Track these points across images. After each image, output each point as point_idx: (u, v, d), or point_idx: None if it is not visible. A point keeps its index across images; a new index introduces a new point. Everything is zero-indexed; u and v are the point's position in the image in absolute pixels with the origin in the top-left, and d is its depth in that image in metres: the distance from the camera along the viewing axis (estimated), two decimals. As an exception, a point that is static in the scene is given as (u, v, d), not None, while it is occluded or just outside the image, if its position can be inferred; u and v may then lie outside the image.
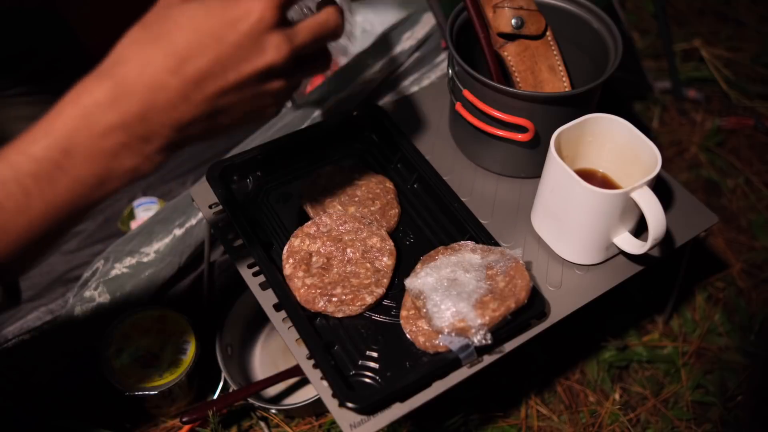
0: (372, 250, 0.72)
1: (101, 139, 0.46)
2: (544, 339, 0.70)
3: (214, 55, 0.46)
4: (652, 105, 1.27)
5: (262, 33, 0.47)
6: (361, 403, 0.61)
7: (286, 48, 0.48)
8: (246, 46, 0.47)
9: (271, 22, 0.47)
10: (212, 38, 0.46)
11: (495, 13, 0.77)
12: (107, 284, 0.83)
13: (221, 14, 0.46)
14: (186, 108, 0.47)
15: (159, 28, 0.47)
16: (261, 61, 0.47)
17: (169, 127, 0.47)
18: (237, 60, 0.47)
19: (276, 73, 0.49)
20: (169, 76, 0.46)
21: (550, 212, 0.73)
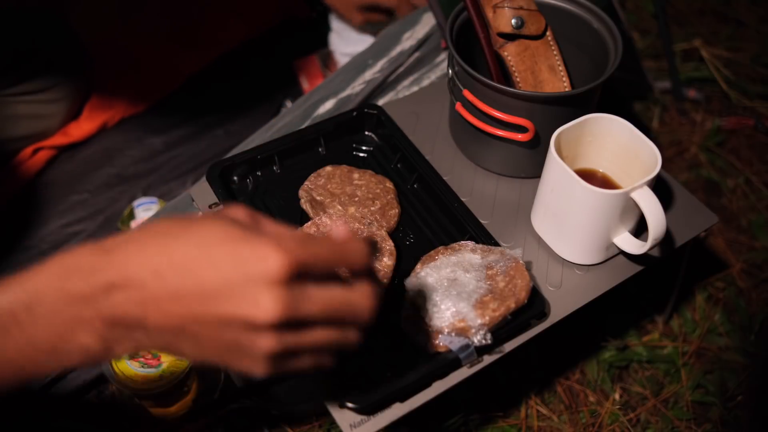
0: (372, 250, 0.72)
1: (68, 305, 0.43)
2: (544, 339, 0.70)
3: (203, 279, 0.42)
4: (652, 105, 1.27)
5: (264, 284, 0.42)
6: (361, 403, 0.61)
7: (280, 311, 0.42)
8: (239, 288, 0.42)
9: (279, 279, 0.42)
10: (211, 263, 0.42)
11: (495, 13, 0.77)
12: (107, 284, 0.83)
13: (235, 246, 0.43)
14: (154, 313, 0.43)
15: (176, 230, 0.44)
16: (245, 311, 0.42)
17: (133, 321, 0.43)
18: (224, 296, 0.42)
19: (263, 330, 0.42)
20: (152, 276, 0.43)
21: (550, 212, 0.73)
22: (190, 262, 0.43)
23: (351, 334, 0.47)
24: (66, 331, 0.43)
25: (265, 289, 0.42)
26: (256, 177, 0.79)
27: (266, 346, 0.43)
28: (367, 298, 0.46)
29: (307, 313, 0.43)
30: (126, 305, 0.43)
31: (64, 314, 0.43)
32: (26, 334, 0.43)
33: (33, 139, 0.99)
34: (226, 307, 0.42)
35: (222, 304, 0.42)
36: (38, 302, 0.43)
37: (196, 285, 0.42)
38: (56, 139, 1.02)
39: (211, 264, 0.42)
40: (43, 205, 0.98)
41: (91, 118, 1.05)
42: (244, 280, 0.42)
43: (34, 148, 1.00)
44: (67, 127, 1.03)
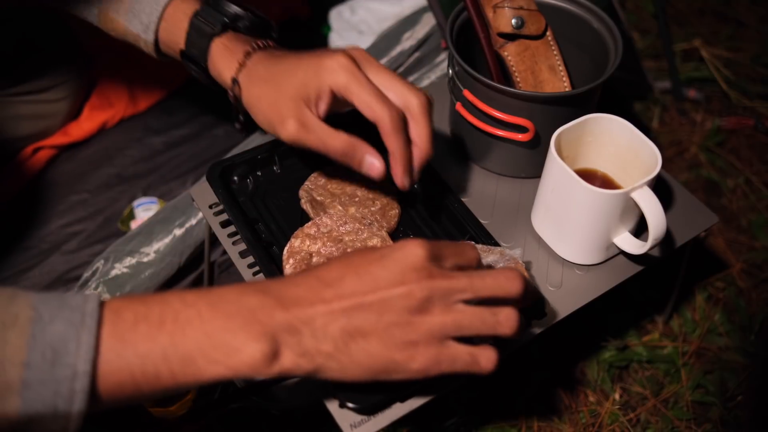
0: (372, 250, 0.72)
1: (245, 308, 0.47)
2: (544, 339, 0.70)
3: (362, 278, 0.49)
4: (652, 105, 1.27)
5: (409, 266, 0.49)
6: (362, 403, 0.61)
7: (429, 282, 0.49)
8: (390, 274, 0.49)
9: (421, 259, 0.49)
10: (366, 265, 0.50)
11: (495, 13, 0.77)
12: (107, 284, 0.83)
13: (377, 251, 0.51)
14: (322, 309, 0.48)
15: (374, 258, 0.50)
16: (400, 288, 0.48)
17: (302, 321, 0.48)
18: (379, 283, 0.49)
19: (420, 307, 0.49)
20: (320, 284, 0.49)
21: (550, 212, 0.73)
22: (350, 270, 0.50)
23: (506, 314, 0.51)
24: (240, 328, 0.46)
25: (413, 269, 0.49)
26: (256, 177, 0.79)
27: (427, 320, 0.49)
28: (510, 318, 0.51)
29: (457, 283, 0.49)
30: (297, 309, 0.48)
31: (242, 314, 0.47)
32: (205, 328, 0.46)
33: (33, 139, 0.99)
34: (384, 290, 0.48)
35: (381, 289, 0.48)
36: (220, 302, 0.47)
37: (356, 283, 0.49)
38: (56, 138, 1.02)
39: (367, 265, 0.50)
40: (43, 205, 0.98)
41: (91, 118, 1.05)
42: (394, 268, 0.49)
43: (35, 148, 1.00)
44: (68, 126, 1.03)
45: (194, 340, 0.45)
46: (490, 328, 0.51)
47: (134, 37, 0.72)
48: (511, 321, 0.51)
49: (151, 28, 0.70)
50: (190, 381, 0.46)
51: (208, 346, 0.45)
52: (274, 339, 0.47)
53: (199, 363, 0.45)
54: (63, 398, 0.43)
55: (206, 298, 0.47)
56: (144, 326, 0.45)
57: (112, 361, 0.44)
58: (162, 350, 0.45)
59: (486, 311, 0.51)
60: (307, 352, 0.48)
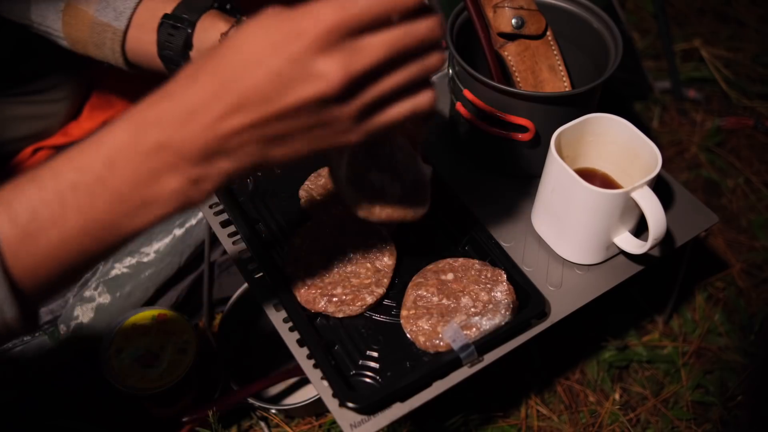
0: (372, 250, 0.72)
1: (147, 156, 0.43)
2: (544, 339, 0.70)
3: (259, 82, 0.42)
4: (652, 105, 1.27)
5: (311, 57, 0.41)
6: (362, 403, 0.61)
7: (341, 73, 0.41)
8: (292, 72, 0.41)
9: (318, 44, 0.40)
10: (255, 63, 0.42)
11: (495, 12, 0.77)
12: (107, 284, 0.83)
13: (271, 35, 0.42)
14: (228, 133, 0.43)
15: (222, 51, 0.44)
16: (307, 91, 0.41)
17: (212, 149, 0.43)
18: (284, 87, 0.42)
19: (337, 99, 0.42)
20: (212, 98, 0.43)
21: (550, 212, 0.73)
22: (241, 73, 0.42)
23: (430, 59, 0.44)
24: (151, 179, 0.43)
25: (312, 61, 0.41)
26: (256, 177, 0.79)
27: (348, 111, 0.43)
28: (428, 21, 0.43)
29: (371, 61, 0.42)
30: (201, 138, 0.43)
31: (146, 164, 0.43)
32: (112, 191, 0.43)
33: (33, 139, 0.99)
34: (290, 97, 0.42)
35: (286, 96, 0.42)
36: (118, 157, 0.43)
37: (255, 91, 0.42)
38: (56, 139, 1.02)
39: (258, 65, 0.41)
40: (43, 205, 0.98)
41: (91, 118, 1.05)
42: (292, 62, 0.41)
43: (34, 148, 1.00)
44: (67, 127, 1.03)
45: (106, 207, 0.44)
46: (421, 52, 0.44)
47: (101, 28, 0.69)
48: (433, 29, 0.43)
49: (125, 14, 0.68)
50: (122, 239, 0.45)
51: (123, 208, 0.44)
52: (189, 175, 0.44)
53: (122, 223, 0.44)
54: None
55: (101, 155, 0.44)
56: (45, 211, 0.43)
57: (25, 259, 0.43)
58: (77, 228, 0.43)
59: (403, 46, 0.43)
60: (227, 172, 0.45)
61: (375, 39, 0.42)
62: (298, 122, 0.43)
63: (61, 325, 0.82)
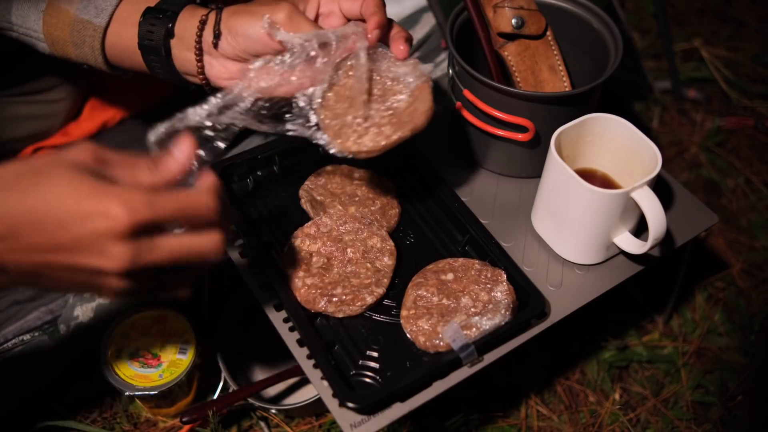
0: (372, 250, 0.72)
1: None
2: (544, 339, 0.70)
3: (53, 235, 0.46)
4: (652, 105, 1.27)
5: (109, 238, 0.46)
6: (362, 402, 0.61)
7: (124, 263, 0.47)
8: (87, 241, 0.46)
9: (122, 234, 0.46)
10: (60, 221, 0.46)
11: (495, 12, 0.77)
12: (107, 284, 0.83)
13: (81, 202, 0.46)
14: (11, 262, 0.47)
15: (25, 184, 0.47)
16: (94, 261, 0.47)
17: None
18: (72, 249, 0.47)
19: (111, 275, 0.48)
20: (7, 231, 0.46)
21: (550, 212, 0.73)
22: (41, 220, 0.46)
23: (197, 271, 0.52)
24: None
25: (110, 243, 0.46)
26: (256, 177, 0.79)
27: (116, 285, 0.48)
28: (213, 243, 0.50)
29: (153, 260, 0.48)
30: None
31: None
32: None
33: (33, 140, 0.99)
34: (77, 258, 0.47)
35: (73, 256, 0.47)
36: None
37: (47, 241, 0.46)
38: (56, 139, 1.02)
39: (60, 222, 0.46)
40: (42, 205, 0.98)
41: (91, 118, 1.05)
42: (91, 235, 0.46)
43: (35, 148, 1.00)
44: (67, 127, 1.03)
45: None
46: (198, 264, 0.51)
47: (81, 25, 0.70)
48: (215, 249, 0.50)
49: (106, 11, 0.69)
50: None
51: None
52: None
53: None
54: None
55: None
56: None
57: None
58: None
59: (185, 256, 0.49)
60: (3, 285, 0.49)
61: (165, 243, 0.48)
62: (73, 276, 0.48)
63: (61, 325, 0.82)
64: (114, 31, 0.70)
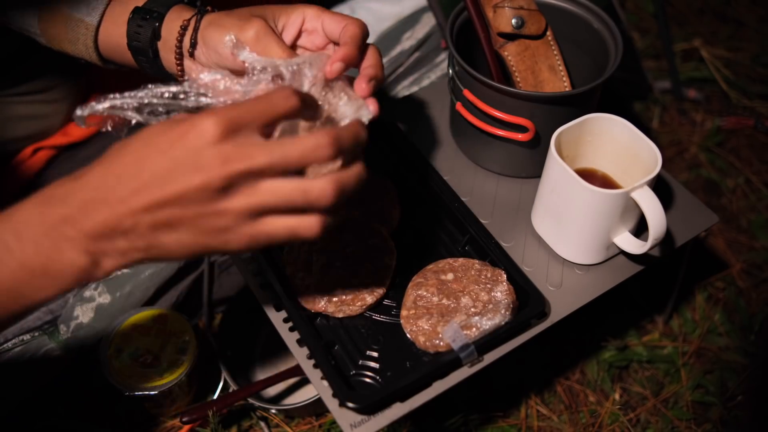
0: (372, 250, 0.72)
1: (51, 229, 0.46)
2: (544, 339, 0.70)
3: (154, 166, 0.46)
4: (652, 105, 1.27)
5: (205, 147, 0.45)
6: (362, 402, 0.61)
7: (227, 165, 0.45)
8: (186, 160, 0.45)
9: (216, 137, 0.45)
10: (156, 151, 0.46)
11: (495, 12, 0.77)
12: (107, 284, 0.83)
13: (172, 129, 0.47)
14: (125, 214, 0.46)
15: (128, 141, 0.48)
16: (199, 177, 0.45)
17: (111, 229, 0.47)
18: (176, 172, 0.46)
19: (222, 192, 0.46)
20: (114, 181, 0.47)
21: (550, 212, 0.73)
22: (141, 158, 0.46)
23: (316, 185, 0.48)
24: (54, 251, 0.46)
25: (207, 151, 0.45)
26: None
27: (232, 208, 0.46)
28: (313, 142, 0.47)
29: (257, 162, 0.45)
30: (100, 216, 0.46)
31: (50, 236, 0.46)
32: (17, 259, 0.46)
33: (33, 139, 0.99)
34: (181, 181, 0.45)
35: (177, 180, 0.45)
36: (24, 228, 0.47)
37: (150, 174, 0.46)
38: (56, 139, 1.02)
39: (157, 151, 0.46)
40: (42, 205, 0.98)
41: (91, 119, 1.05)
42: (187, 152, 0.45)
43: (34, 148, 1.00)
44: (67, 127, 1.03)
45: (11, 274, 0.46)
46: (303, 206, 0.48)
47: (75, 23, 0.70)
48: (326, 196, 0.48)
49: (98, 10, 0.69)
50: (24, 308, 0.48)
51: (26, 276, 0.46)
52: (88, 250, 0.47)
53: (24, 292, 0.47)
54: None
55: (9, 227, 0.47)
56: None
57: None
58: None
59: (295, 190, 0.47)
60: (124, 252, 0.48)
61: (261, 148, 0.46)
62: (186, 210, 0.46)
63: (61, 325, 0.82)
64: (106, 29, 0.70)
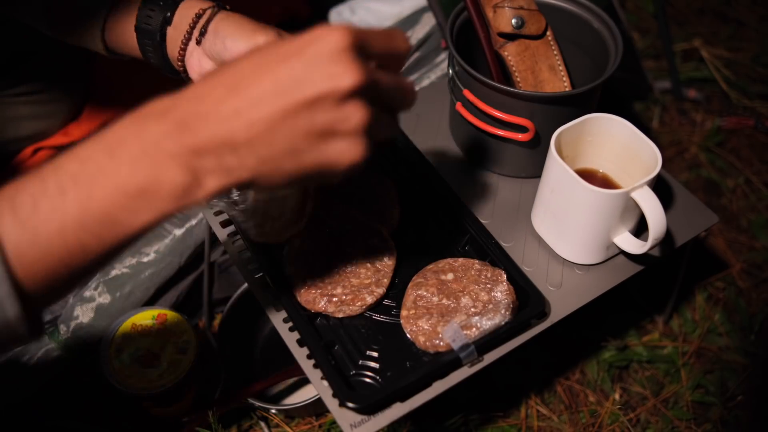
0: (372, 250, 0.72)
1: (149, 146, 0.42)
2: (544, 339, 0.70)
3: (277, 74, 0.42)
4: (652, 105, 1.27)
5: (335, 55, 0.42)
6: (362, 402, 0.61)
7: (360, 74, 0.43)
8: (313, 68, 0.42)
9: (346, 46, 0.42)
10: (279, 58, 0.43)
11: (495, 12, 0.77)
12: (107, 284, 0.83)
13: (296, 39, 0.43)
14: (239, 125, 0.42)
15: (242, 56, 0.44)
16: (328, 84, 0.42)
17: (220, 142, 0.42)
18: (302, 81, 0.42)
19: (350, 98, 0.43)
20: (227, 91, 0.43)
21: (550, 212, 0.73)
22: (262, 66, 0.43)
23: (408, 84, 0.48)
24: (151, 168, 0.42)
25: (338, 59, 0.42)
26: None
27: (359, 113, 0.44)
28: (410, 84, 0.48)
29: (379, 80, 0.44)
30: (209, 129, 0.42)
31: (148, 153, 0.42)
32: (112, 181, 0.42)
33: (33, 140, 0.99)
34: (308, 89, 0.42)
35: (303, 89, 0.42)
36: (119, 147, 0.42)
37: (272, 82, 0.42)
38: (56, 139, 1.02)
39: (280, 59, 0.43)
40: (43, 205, 0.98)
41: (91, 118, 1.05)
42: (315, 59, 0.42)
43: (35, 148, 1.00)
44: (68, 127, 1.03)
45: (105, 198, 0.42)
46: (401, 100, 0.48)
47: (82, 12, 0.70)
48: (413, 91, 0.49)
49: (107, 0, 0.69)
50: (121, 237, 0.43)
51: (121, 198, 0.42)
52: (191, 166, 0.42)
53: (120, 218, 0.42)
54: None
55: (102, 146, 0.42)
56: (45, 203, 0.41)
57: (26, 253, 0.41)
58: (75, 220, 0.41)
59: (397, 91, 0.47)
60: (230, 170, 0.43)
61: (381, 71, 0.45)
62: (309, 120, 0.43)
63: (61, 325, 0.82)
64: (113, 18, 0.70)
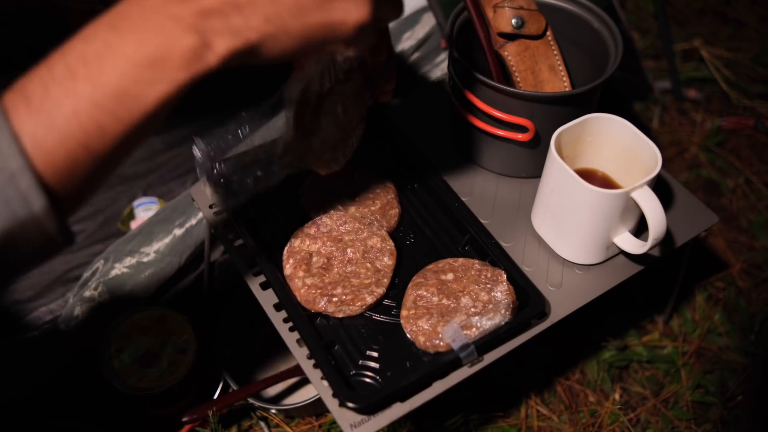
0: (372, 250, 0.72)
1: (154, 12, 0.41)
2: (544, 339, 0.70)
3: None
4: (652, 105, 1.27)
5: None
6: (362, 402, 0.61)
7: None
8: None
9: None
10: None
11: (495, 12, 0.77)
12: (107, 284, 0.83)
13: None
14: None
15: None
16: None
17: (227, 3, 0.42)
18: None
19: None
20: None
21: (550, 212, 0.73)
22: None
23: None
24: (159, 36, 0.41)
25: None
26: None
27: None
28: None
29: None
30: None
31: (152, 20, 0.41)
32: (121, 54, 0.41)
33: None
34: None
35: None
36: (123, 20, 0.42)
37: None
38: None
39: None
40: (42, 205, 0.98)
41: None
42: None
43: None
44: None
45: (116, 72, 0.41)
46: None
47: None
48: None
49: None
50: (137, 115, 0.42)
51: (133, 70, 0.41)
52: (197, 28, 0.42)
53: (134, 91, 0.41)
54: (17, 204, 0.39)
55: (106, 23, 0.42)
56: (56, 87, 0.41)
57: (44, 140, 0.40)
58: (89, 99, 0.41)
59: None
60: (238, 30, 0.43)
61: None
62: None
63: (61, 325, 0.82)
64: None
